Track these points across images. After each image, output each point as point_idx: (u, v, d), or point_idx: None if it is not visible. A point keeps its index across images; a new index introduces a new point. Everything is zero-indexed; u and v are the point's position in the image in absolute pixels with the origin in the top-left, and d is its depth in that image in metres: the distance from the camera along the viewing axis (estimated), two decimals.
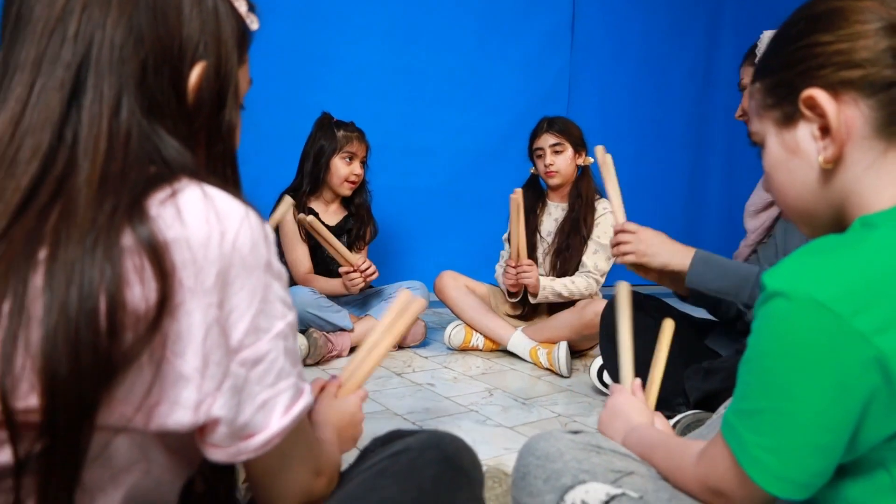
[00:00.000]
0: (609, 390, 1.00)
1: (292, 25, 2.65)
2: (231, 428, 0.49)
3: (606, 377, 1.74)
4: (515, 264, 2.15)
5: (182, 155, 0.52)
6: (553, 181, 2.25)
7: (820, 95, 0.58)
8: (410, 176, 2.95)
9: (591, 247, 2.20)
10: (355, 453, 0.76)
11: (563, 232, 2.23)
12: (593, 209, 2.23)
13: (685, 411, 1.43)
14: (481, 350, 2.24)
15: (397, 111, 2.89)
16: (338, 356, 2.07)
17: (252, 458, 0.52)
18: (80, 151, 0.48)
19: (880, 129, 0.57)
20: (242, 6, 0.60)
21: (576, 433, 0.79)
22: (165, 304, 0.44)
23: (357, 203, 2.29)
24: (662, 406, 1.51)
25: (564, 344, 2.01)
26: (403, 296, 0.92)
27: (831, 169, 0.59)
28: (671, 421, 1.40)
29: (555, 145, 2.22)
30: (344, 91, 2.76)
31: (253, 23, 0.63)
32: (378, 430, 0.83)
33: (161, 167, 0.50)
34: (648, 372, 1.53)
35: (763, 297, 0.54)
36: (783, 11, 0.66)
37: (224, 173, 0.60)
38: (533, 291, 2.16)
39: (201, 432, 0.50)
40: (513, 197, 2.09)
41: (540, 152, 2.26)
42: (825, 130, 0.59)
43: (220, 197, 0.49)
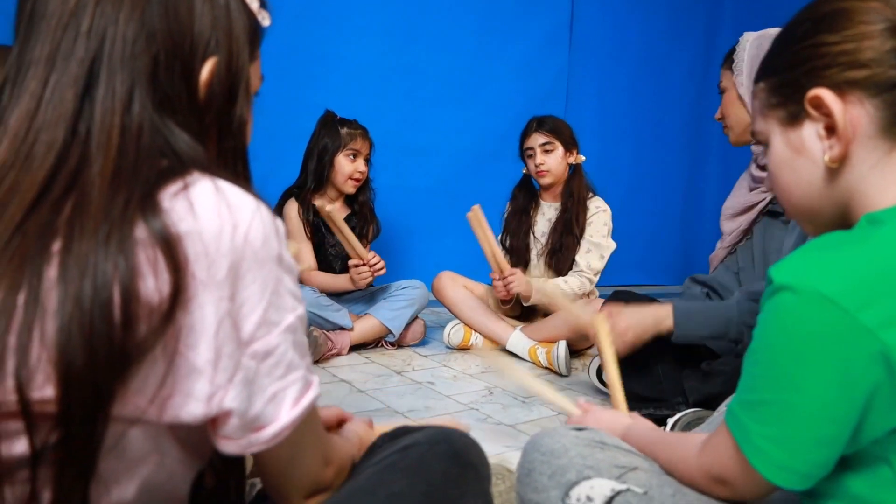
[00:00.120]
0: (580, 410, 1.02)
1: (291, 25, 2.65)
2: (243, 420, 0.50)
3: (605, 377, 1.75)
4: (499, 276, 2.14)
5: (194, 149, 0.53)
6: (544, 180, 2.25)
7: (826, 95, 0.58)
8: (409, 175, 2.95)
9: (584, 246, 2.20)
10: None
11: (556, 232, 2.24)
12: (585, 208, 2.23)
13: (685, 410, 1.44)
14: (480, 349, 2.25)
15: (396, 111, 2.90)
16: (337, 354, 2.07)
17: (263, 450, 0.52)
18: (93, 146, 0.48)
19: (885, 129, 0.58)
20: (254, 2, 0.60)
21: (580, 430, 0.80)
22: (178, 297, 0.45)
23: (361, 201, 2.29)
24: (662, 405, 1.52)
25: (563, 343, 2.02)
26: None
27: (837, 168, 0.60)
28: (671, 420, 1.41)
29: (545, 144, 2.22)
30: (343, 90, 2.76)
31: (265, 19, 0.63)
32: (379, 430, 0.83)
33: (173, 161, 0.50)
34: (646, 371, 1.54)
35: (770, 291, 0.55)
36: (782, 11, 0.66)
37: (235, 168, 0.60)
38: (525, 297, 2.16)
39: (213, 424, 0.50)
40: (469, 215, 2.08)
41: (530, 152, 2.26)
42: (830, 130, 0.59)
43: (232, 190, 0.50)
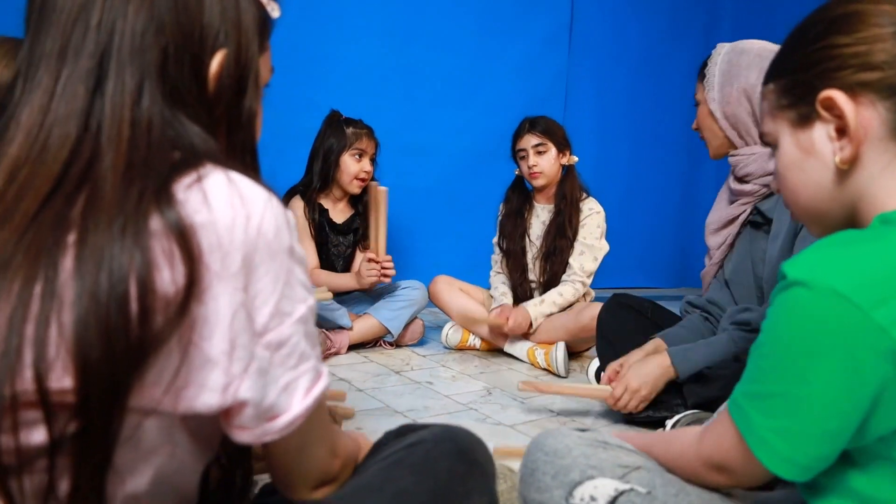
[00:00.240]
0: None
1: (290, 24, 2.65)
2: (257, 410, 0.50)
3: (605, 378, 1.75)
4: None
5: (205, 141, 0.53)
6: (537, 182, 2.23)
7: (838, 97, 0.59)
8: (408, 176, 2.95)
9: (578, 248, 2.18)
10: None
11: (550, 235, 2.22)
12: (578, 209, 2.21)
13: (683, 412, 1.45)
14: (478, 349, 2.25)
15: (395, 111, 2.90)
16: (336, 353, 2.07)
17: (275, 439, 0.53)
18: (104, 140, 0.48)
19: None
20: None
21: (583, 430, 0.81)
22: (193, 288, 0.45)
23: (365, 202, 2.29)
24: (661, 407, 1.53)
25: (562, 344, 2.02)
26: None
27: (846, 170, 0.60)
28: (670, 421, 1.42)
29: (537, 146, 2.20)
30: (342, 90, 2.76)
31: (274, 10, 0.63)
32: (378, 427, 0.83)
33: (186, 153, 0.51)
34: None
35: (782, 286, 0.56)
36: (780, 14, 0.67)
37: (244, 160, 0.60)
38: (525, 330, 2.13)
39: (227, 415, 0.51)
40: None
41: (523, 153, 2.24)
42: (841, 131, 0.60)
43: (244, 182, 0.50)
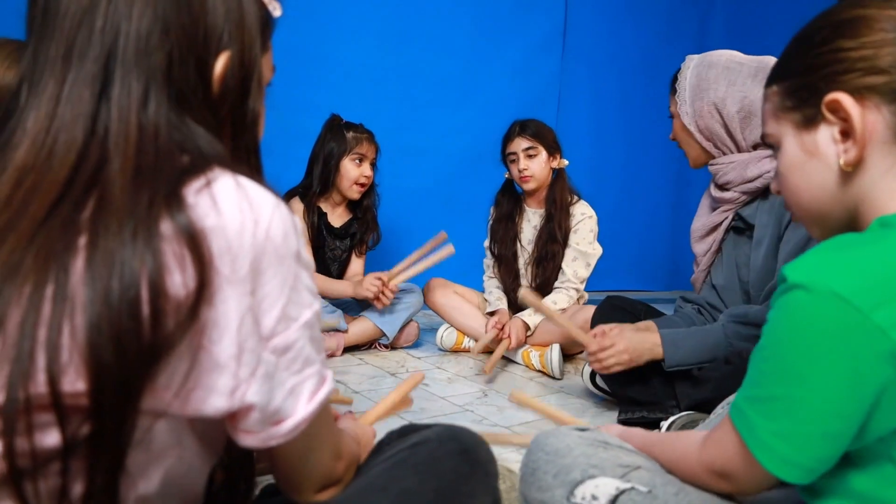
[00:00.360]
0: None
1: (284, 26, 2.63)
2: (263, 414, 0.50)
3: (599, 380, 1.76)
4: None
5: (212, 144, 0.53)
6: (528, 186, 2.22)
7: (845, 99, 0.60)
8: (401, 177, 2.95)
9: (570, 254, 2.18)
10: None
11: (542, 240, 2.22)
12: (569, 213, 2.20)
13: (678, 413, 1.46)
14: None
15: (389, 113, 2.90)
16: (331, 356, 2.07)
17: (280, 443, 0.53)
18: (112, 144, 0.48)
19: None
20: None
21: (583, 430, 0.81)
22: (204, 291, 0.45)
23: (364, 206, 2.29)
24: (656, 408, 1.54)
25: (557, 346, 2.03)
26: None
27: (850, 172, 0.61)
28: (665, 422, 1.42)
29: (528, 149, 2.19)
30: (336, 92, 2.75)
31: (276, 9, 0.63)
32: (375, 429, 0.84)
33: (194, 156, 0.51)
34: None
35: (783, 289, 0.56)
36: (773, 19, 0.68)
37: (248, 162, 0.60)
38: (521, 339, 2.12)
39: (233, 418, 0.51)
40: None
41: (513, 157, 2.22)
42: (845, 134, 0.61)
43: (252, 186, 0.50)
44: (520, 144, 2.20)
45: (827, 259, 0.56)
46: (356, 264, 2.33)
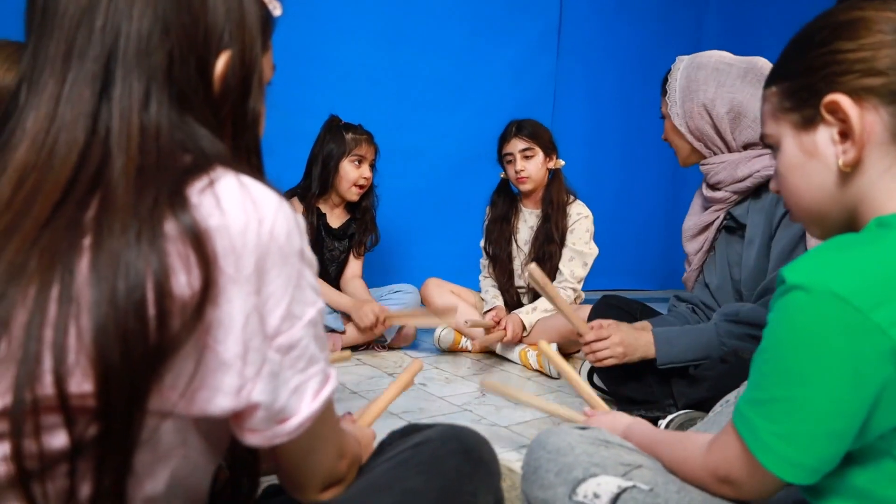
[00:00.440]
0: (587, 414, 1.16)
1: (281, 26, 2.63)
2: (269, 412, 0.50)
3: (597, 379, 1.77)
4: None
5: (214, 143, 0.53)
6: (524, 187, 2.21)
7: (843, 100, 0.60)
8: (397, 178, 2.94)
9: (567, 254, 2.18)
10: None
11: (539, 241, 2.21)
12: (565, 213, 2.20)
13: (675, 412, 1.46)
14: (470, 351, 2.26)
15: (384, 114, 2.89)
16: None
17: (284, 441, 0.53)
18: (114, 144, 0.48)
19: None
20: None
21: (584, 429, 0.81)
22: (209, 291, 0.45)
23: (363, 207, 2.29)
24: (653, 407, 1.55)
25: (554, 346, 2.03)
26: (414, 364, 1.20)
27: (849, 172, 0.62)
28: (663, 421, 1.43)
29: (525, 150, 2.18)
30: (332, 92, 2.75)
31: (276, 8, 0.63)
32: (376, 429, 0.85)
33: (197, 156, 0.51)
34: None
35: (782, 290, 0.57)
36: (767, 19, 0.69)
37: (249, 161, 0.60)
38: (518, 336, 2.13)
39: (239, 418, 0.51)
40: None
41: (510, 158, 2.22)
42: (844, 135, 0.61)
43: (255, 185, 0.50)
44: (516, 145, 2.20)
45: (825, 260, 0.56)
46: (354, 265, 2.33)
